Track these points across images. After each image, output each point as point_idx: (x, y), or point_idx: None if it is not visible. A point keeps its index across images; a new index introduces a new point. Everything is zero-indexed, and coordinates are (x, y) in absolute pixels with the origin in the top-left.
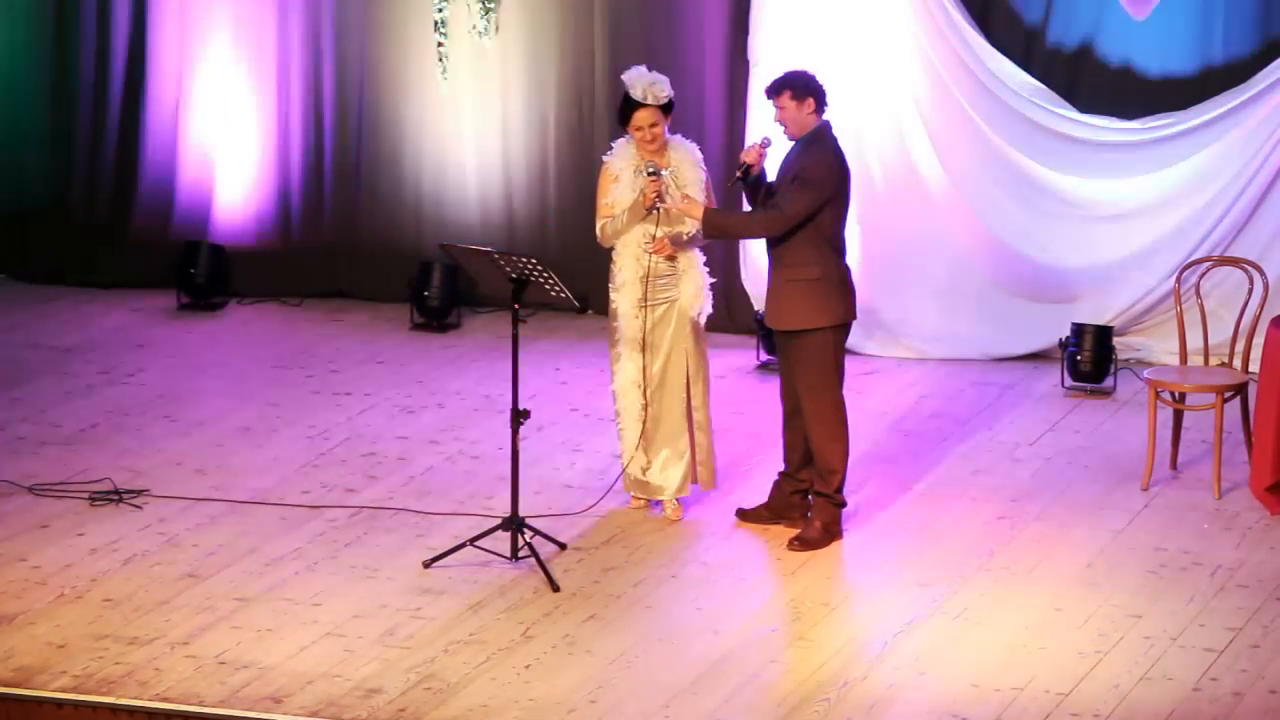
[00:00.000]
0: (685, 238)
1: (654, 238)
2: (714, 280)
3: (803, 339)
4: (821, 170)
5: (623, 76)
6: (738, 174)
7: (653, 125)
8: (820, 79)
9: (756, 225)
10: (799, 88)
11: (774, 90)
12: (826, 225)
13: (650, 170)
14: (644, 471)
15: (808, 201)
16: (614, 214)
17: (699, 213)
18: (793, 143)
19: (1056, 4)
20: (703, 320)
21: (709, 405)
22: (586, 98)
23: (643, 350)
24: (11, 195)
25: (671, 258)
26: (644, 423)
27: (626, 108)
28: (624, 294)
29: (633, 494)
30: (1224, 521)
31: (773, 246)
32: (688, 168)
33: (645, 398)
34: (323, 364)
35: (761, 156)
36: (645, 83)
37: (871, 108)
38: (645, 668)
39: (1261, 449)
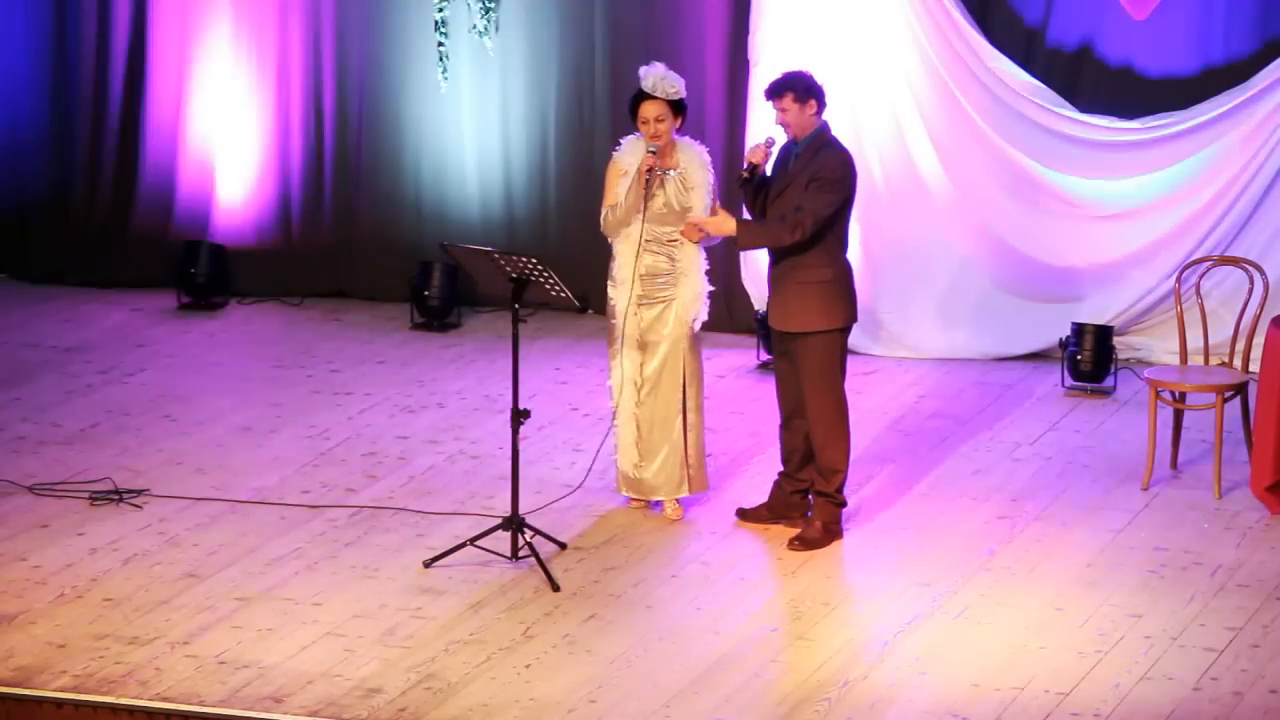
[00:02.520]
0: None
1: (651, 238)
2: (713, 289)
3: (809, 340)
4: (839, 170)
5: (639, 71)
6: (745, 174)
7: (658, 119)
8: (820, 78)
9: (787, 233)
10: (800, 90)
11: (775, 92)
12: (839, 225)
13: (651, 149)
14: (635, 469)
15: (830, 202)
16: (616, 202)
17: (733, 226)
18: (793, 143)
19: (1056, 4)
20: (698, 327)
21: (702, 408)
22: (586, 97)
23: (639, 348)
24: (11, 195)
25: (691, 236)
26: (638, 422)
27: (635, 100)
28: (620, 291)
29: (630, 494)
30: (1224, 521)
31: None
32: (695, 169)
33: (640, 396)
34: (323, 364)
35: (767, 156)
36: (656, 77)
37: (872, 108)
38: (645, 667)
39: (1261, 449)
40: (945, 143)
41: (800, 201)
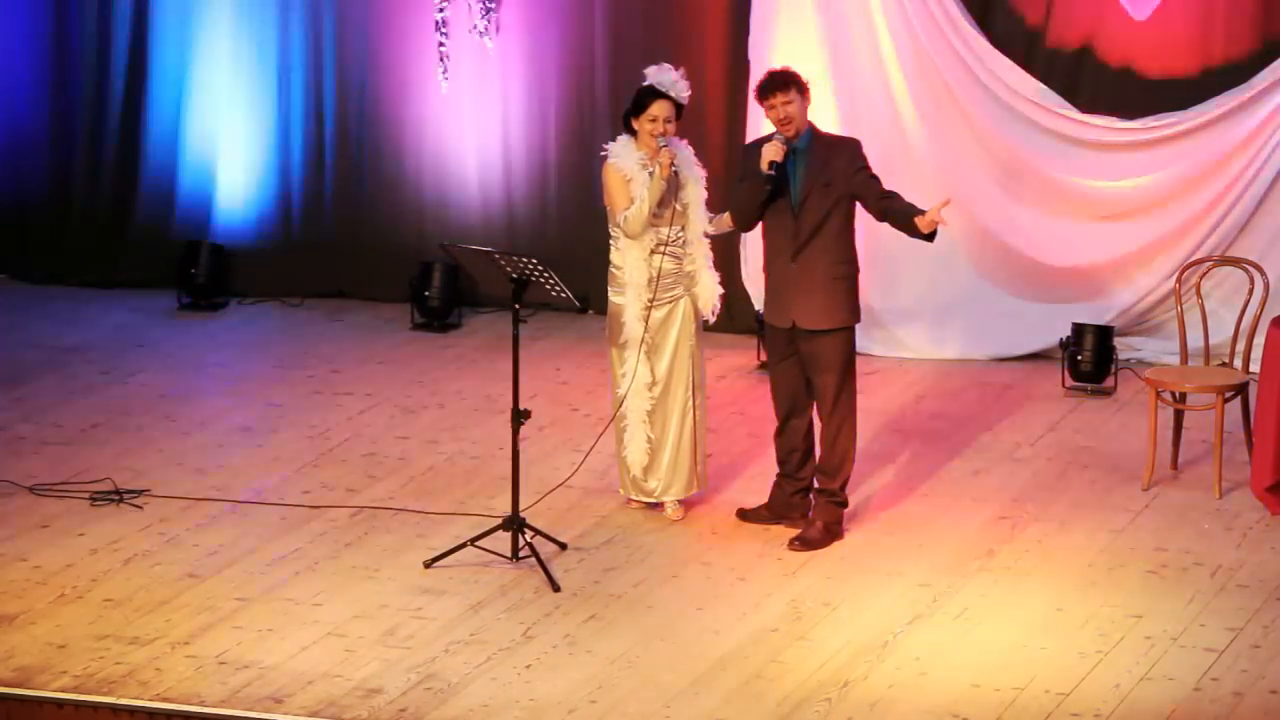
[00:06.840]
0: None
1: (666, 241)
2: (723, 291)
3: (835, 336)
4: (863, 153)
5: (646, 70)
6: (772, 172)
7: (667, 119)
8: (821, 78)
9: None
10: (800, 82)
11: (779, 86)
12: (854, 217)
13: (662, 143)
14: (644, 471)
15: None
16: (629, 205)
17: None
18: (785, 143)
19: (1057, 4)
20: (712, 319)
21: (706, 406)
22: (587, 98)
23: (649, 351)
24: (11, 195)
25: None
26: (650, 425)
27: (646, 96)
28: (631, 295)
29: (632, 496)
30: (1225, 521)
31: (816, 238)
32: (688, 166)
33: (652, 400)
34: (323, 364)
35: (784, 153)
36: (671, 79)
37: (872, 108)
38: (645, 668)
39: (1262, 449)
40: (945, 143)
41: (880, 190)
